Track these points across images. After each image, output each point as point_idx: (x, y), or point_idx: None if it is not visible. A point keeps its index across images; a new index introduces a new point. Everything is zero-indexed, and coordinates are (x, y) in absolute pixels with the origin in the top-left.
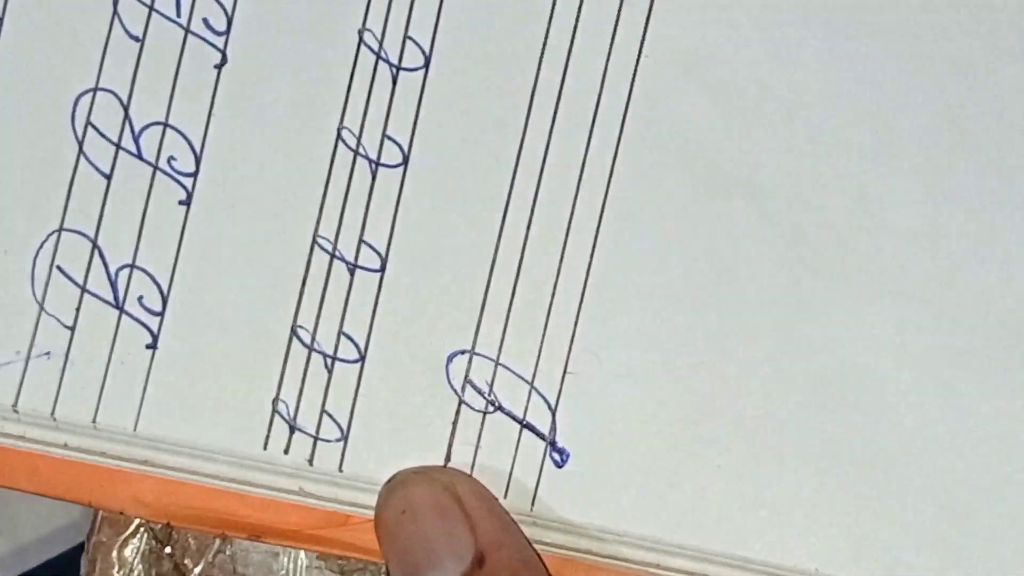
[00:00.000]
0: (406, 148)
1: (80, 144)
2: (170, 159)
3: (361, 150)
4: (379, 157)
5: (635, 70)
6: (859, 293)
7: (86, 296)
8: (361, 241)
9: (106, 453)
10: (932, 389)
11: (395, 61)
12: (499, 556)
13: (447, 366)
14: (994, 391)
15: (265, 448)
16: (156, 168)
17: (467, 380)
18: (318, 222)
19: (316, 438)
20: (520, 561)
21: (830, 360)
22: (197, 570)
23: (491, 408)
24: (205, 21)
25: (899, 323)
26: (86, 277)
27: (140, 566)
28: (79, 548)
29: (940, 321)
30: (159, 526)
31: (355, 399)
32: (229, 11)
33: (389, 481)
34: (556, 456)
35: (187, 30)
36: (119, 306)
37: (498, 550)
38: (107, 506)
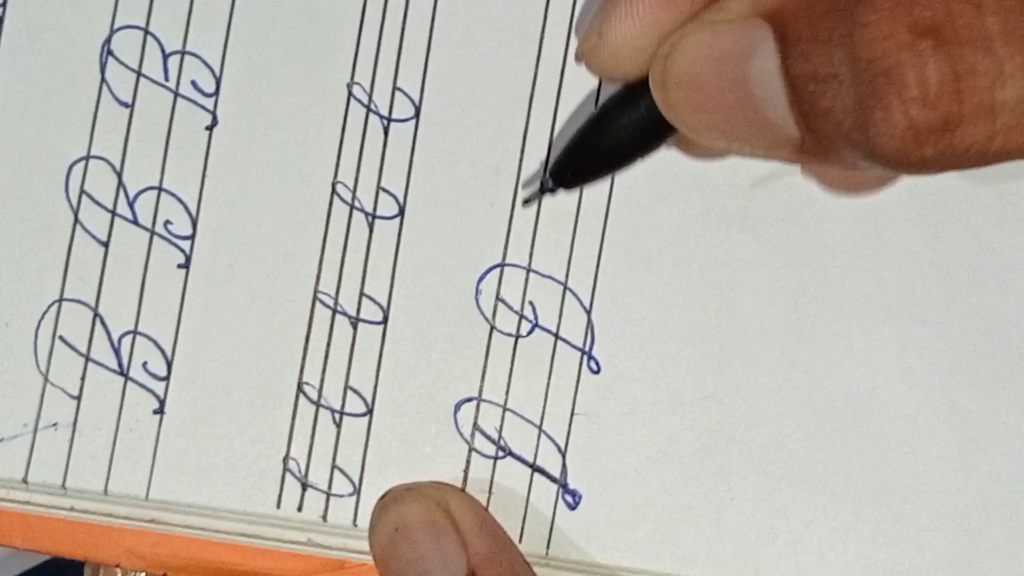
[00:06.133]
0: (401, 199)
1: (75, 213)
2: (166, 223)
3: (357, 203)
4: (375, 209)
5: None
6: (861, 317)
7: (90, 365)
8: (362, 294)
9: (113, 514)
10: (938, 408)
11: (385, 113)
12: (491, 572)
13: (455, 414)
14: (1000, 407)
15: (279, 507)
16: (153, 233)
17: (476, 427)
18: (318, 278)
19: (328, 494)
20: None
21: (836, 385)
22: None
23: (501, 454)
24: (194, 83)
25: (901, 345)
26: (89, 346)
27: None
28: None
29: (942, 340)
30: None
31: (365, 452)
32: (217, 72)
33: (382, 498)
34: (568, 498)
35: (176, 93)
36: (124, 373)
37: (490, 566)
38: (103, 560)
